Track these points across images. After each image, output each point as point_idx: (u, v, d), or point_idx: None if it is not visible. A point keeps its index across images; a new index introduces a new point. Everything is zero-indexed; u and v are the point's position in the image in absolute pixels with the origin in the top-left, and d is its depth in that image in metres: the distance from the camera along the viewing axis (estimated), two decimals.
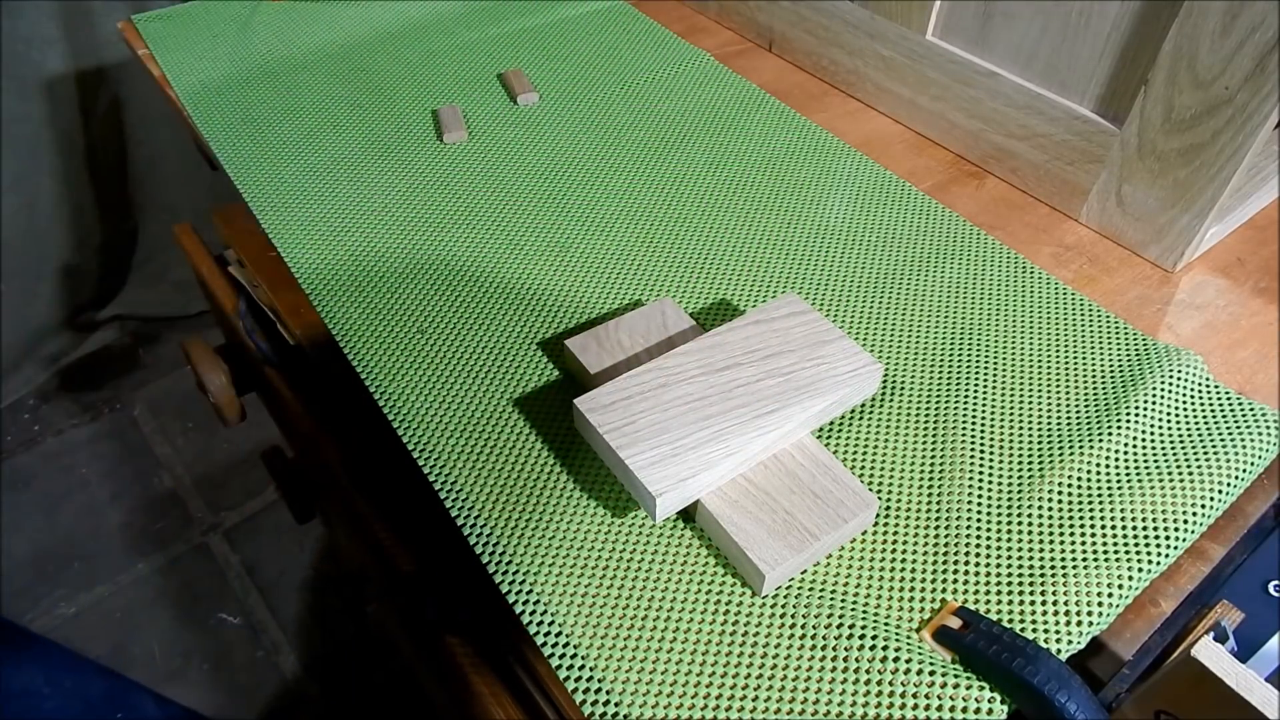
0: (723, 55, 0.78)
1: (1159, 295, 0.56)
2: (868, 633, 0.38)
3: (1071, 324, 0.53)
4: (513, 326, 0.53)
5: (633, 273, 0.56)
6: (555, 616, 0.39)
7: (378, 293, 0.55)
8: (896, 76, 0.68)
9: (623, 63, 0.76)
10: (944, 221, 0.60)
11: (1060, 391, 0.49)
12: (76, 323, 1.55)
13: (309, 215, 0.60)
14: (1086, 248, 0.59)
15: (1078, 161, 0.59)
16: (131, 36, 0.79)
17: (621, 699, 0.36)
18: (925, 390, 0.49)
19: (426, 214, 0.61)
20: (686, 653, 0.38)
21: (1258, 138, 0.50)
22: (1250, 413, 0.47)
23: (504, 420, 0.47)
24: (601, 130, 0.68)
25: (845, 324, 0.53)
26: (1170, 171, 0.54)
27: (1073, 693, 0.34)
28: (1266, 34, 0.47)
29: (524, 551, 0.41)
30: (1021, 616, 0.39)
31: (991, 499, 0.43)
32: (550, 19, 0.82)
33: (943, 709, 0.35)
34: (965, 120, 0.65)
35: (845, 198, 0.62)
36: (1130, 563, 0.40)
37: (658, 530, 0.42)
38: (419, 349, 0.51)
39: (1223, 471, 0.44)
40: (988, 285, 0.55)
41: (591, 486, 0.44)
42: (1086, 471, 0.44)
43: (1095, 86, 0.57)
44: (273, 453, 0.88)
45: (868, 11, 0.68)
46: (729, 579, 0.40)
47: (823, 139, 0.67)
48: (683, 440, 0.41)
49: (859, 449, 0.46)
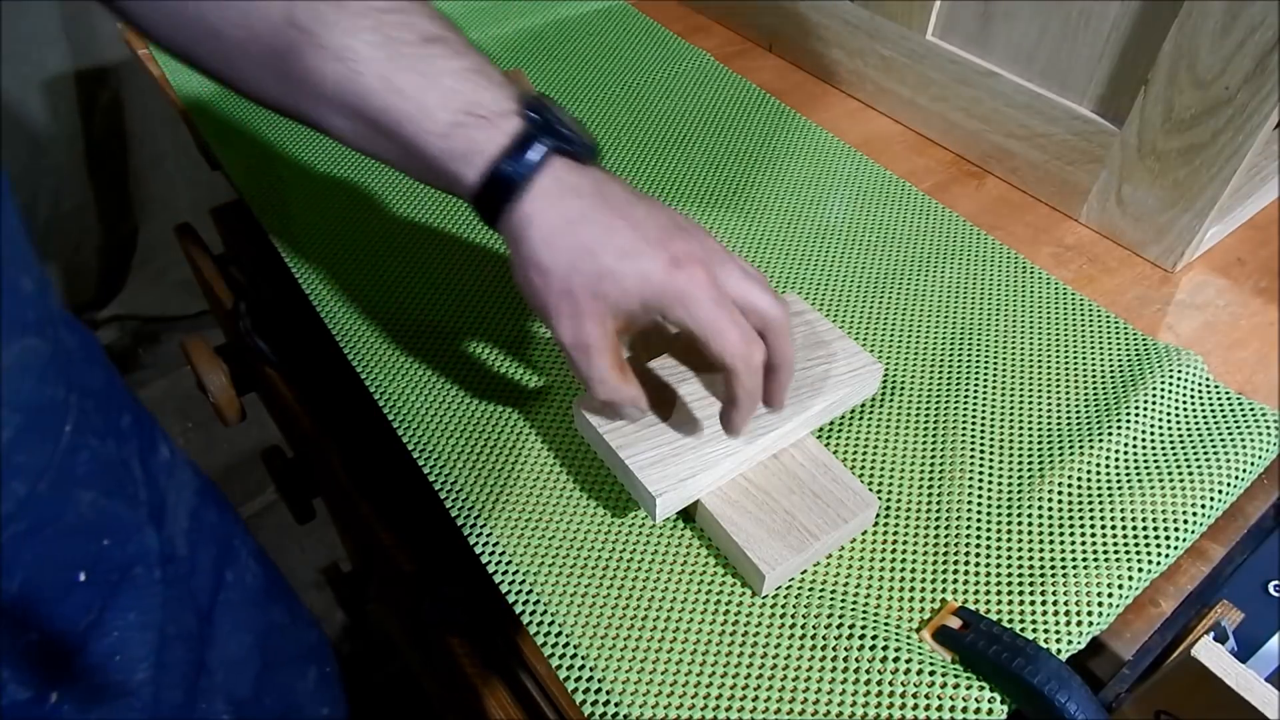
0: (723, 55, 0.78)
1: (1159, 295, 0.56)
2: (868, 633, 0.38)
3: (1071, 324, 0.53)
4: (513, 326, 0.53)
5: None
6: (555, 616, 0.39)
7: (377, 293, 0.55)
8: (896, 76, 0.68)
9: (623, 63, 0.76)
10: (944, 221, 0.60)
11: (1060, 391, 0.49)
12: None
13: (309, 215, 0.60)
14: (1086, 248, 0.59)
15: (1078, 161, 0.59)
16: (131, 36, 0.79)
17: (621, 699, 0.36)
18: (925, 390, 0.49)
19: (427, 214, 0.61)
20: (686, 653, 0.38)
21: (1258, 138, 0.50)
22: (1250, 413, 0.47)
23: (504, 420, 0.47)
24: (601, 130, 0.68)
25: (845, 324, 0.53)
26: (1170, 171, 0.54)
27: (1073, 693, 0.34)
28: (1266, 34, 0.47)
29: (524, 551, 0.41)
30: (1021, 616, 0.39)
31: (991, 499, 0.43)
32: (550, 19, 0.82)
33: (943, 709, 0.35)
34: (965, 120, 0.65)
35: (845, 198, 0.62)
36: (1130, 563, 0.40)
37: (658, 530, 0.42)
38: (419, 349, 0.51)
39: (1223, 471, 0.44)
40: (988, 285, 0.55)
41: (591, 486, 0.44)
42: (1086, 471, 0.44)
43: (1095, 86, 0.57)
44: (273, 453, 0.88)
45: (868, 11, 0.68)
46: (729, 579, 0.40)
47: (823, 139, 0.67)
48: (683, 440, 0.41)
49: (859, 449, 0.46)
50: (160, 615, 0.39)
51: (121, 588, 0.37)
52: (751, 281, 0.37)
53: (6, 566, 0.30)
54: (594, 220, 0.36)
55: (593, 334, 0.36)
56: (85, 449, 0.34)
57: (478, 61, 0.36)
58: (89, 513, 0.35)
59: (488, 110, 0.35)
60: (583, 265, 0.35)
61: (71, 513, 0.33)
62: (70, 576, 0.34)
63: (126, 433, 0.40)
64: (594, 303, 0.36)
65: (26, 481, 0.30)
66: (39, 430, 0.31)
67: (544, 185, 0.36)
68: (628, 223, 0.36)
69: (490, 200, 0.36)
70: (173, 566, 0.42)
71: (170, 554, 0.42)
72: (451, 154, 0.35)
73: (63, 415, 0.33)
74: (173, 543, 0.42)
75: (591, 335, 0.36)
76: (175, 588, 0.41)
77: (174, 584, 0.41)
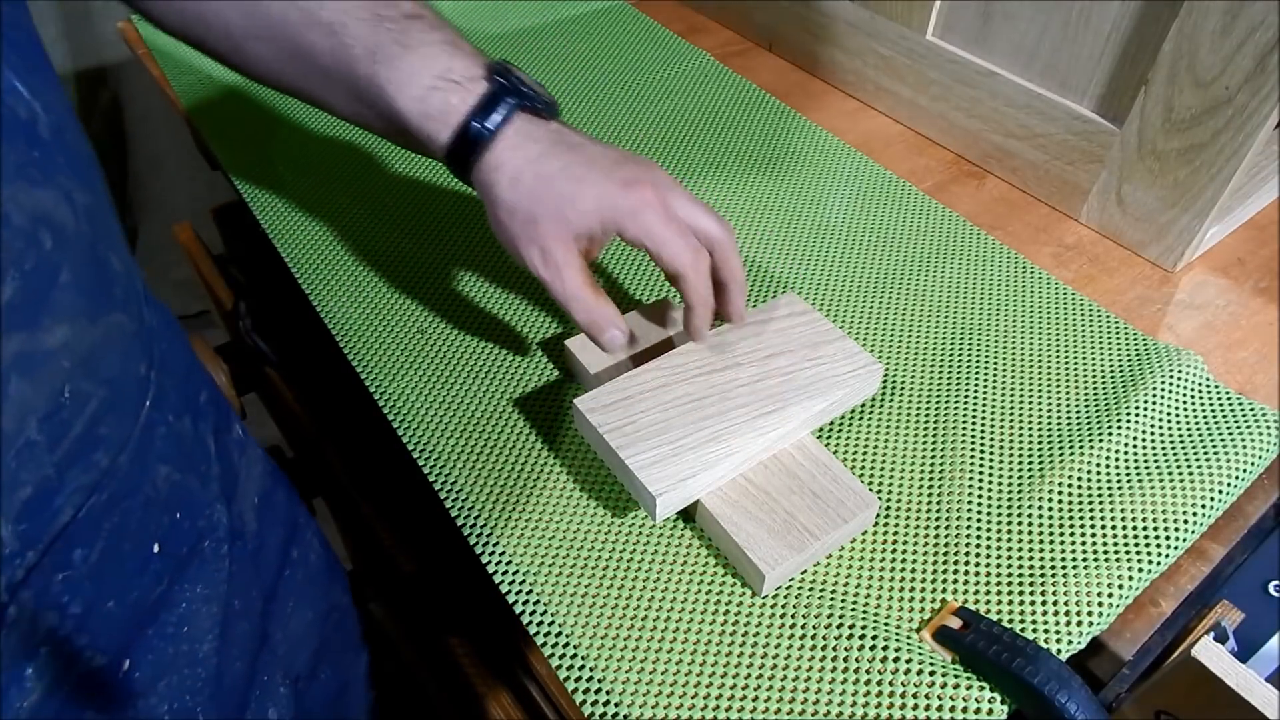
0: (723, 55, 0.78)
1: (1159, 295, 0.56)
2: (868, 633, 0.38)
3: (1071, 324, 0.53)
4: (513, 326, 0.53)
5: (633, 273, 0.56)
6: (555, 616, 0.39)
7: (378, 293, 0.55)
8: (896, 76, 0.68)
9: (623, 63, 0.76)
10: (944, 221, 0.60)
11: (1060, 391, 0.49)
12: None
13: (308, 215, 0.60)
14: (1086, 248, 0.59)
15: (1078, 161, 0.59)
16: (131, 36, 0.79)
17: (621, 699, 0.36)
18: (925, 390, 0.49)
19: (426, 214, 0.61)
20: (686, 653, 0.38)
21: (1258, 138, 0.50)
22: (1250, 413, 0.47)
23: (504, 420, 0.47)
24: (602, 130, 0.68)
25: (845, 324, 0.53)
26: (1170, 171, 0.54)
27: (1073, 693, 0.34)
28: (1266, 34, 0.47)
29: (524, 551, 0.41)
30: (1021, 616, 0.39)
31: (991, 499, 0.43)
32: (550, 19, 0.82)
33: (943, 709, 0.35)
34: (965, 120, 0.65)
35: (845, 198, 0.62)
36: (1130, 563, 0.40)
37: (658, 530, 0.42)
38: (419, 349, 0.51)
39: (1223, 471, 0.44)
40: (988, 285, 0.55)
41: (591, 486, 0.44)
42: (1086, 471, 0.44)
43: (1095, 86, 0.57)
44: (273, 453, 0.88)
45: (868, 11, 0.68)
46: (729, 579, 0.40)
47: (823, 139, 0.67)
48: (683, 440, 0.41)
49: (859, 449, 0.46)
50: (226, 589, 0.41)
51: (190, 561, 0.38)
52: (697, 206, 0.42)
53: (88, 536, 0.31)
54: (553, 157, 0.41)
55: (559, 253, 0.40)
56: (163, 424, 0.35)
57: (451, 34, 0.42)
58: (164, 487, 0.36)
59: (460, 76, 0.40)
60: (545, 195, 0.40)
61: (148, 486, 0.35)
62: (146, 548, 0.35)
63: (203, 410, 0.41)
64: (557, 226, 0.40)
65: (109, 453, 0.31)
66: (122, 404, 0.32)
67: (509, 137, 0.41)
68: (584, 157, 0.41)
69: (462, 154, 0.41)
70: (241, 543, 0.43)
71: (239, 530, 0.43)
72: (427, 114, 0.40)
73: (144, 390, 0.34)
74: (242, 519, 0.44)
75: (559, 254, 0.40)
76: (242, 563, 0.43)
77: (241, 560, 0.43)
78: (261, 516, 0.46)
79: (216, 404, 0.44)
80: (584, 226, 0.40)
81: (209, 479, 0.40)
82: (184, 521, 0.37)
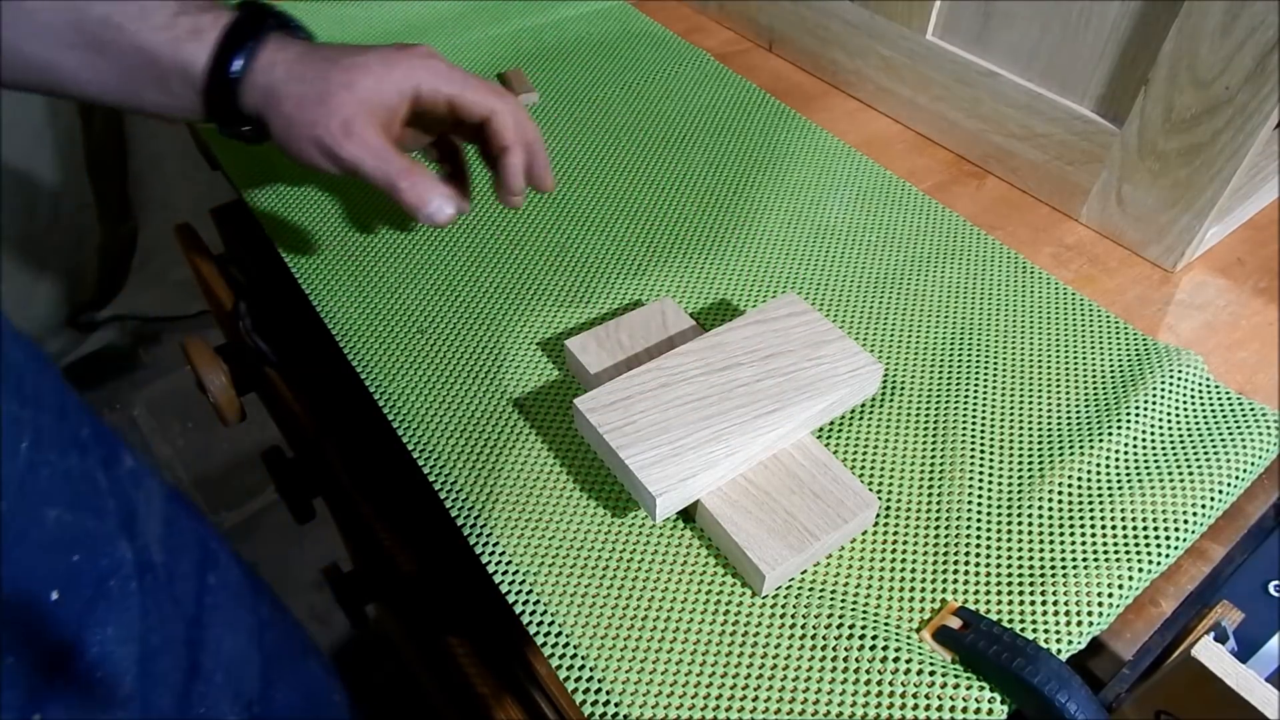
0: (723, 55, 0.78)
1: (1159, 295, 0.56)
2: (868, 633, 0.38)
3: (1071, 324, 0.53)
4: (513, 326, 0.53)
5: (633, 273, 0.56)
6: (555, 616, 0.39)
7: (378, 293, 0.55)
8: (896, 76, 0.68)
9: (623, 63, 0.76)
10: (944, 221, 0.60)
11: (1060, 391, 0.49)
12: (76, 323, 1.55)
13: (308, 215, 0.60)
14: (1086, 248, 0.59)
15: (1078, 161, 0.59)
16: None
17: (621, 699, 0.36)
18: (925, 390, 0.49)
19: None
20: (686, 653, 0.38)
21: (1258, 138, 0.50)
22: (1250, 413, 0.47)
23: (504, 420, 0.47)
24: (601, 130, 0.68)
25: (845, 324, 0.53)
26: (1170, 171, 0.54)
27: (1073, 693, 0.34)
28: (1266, 34, 0.47)
29: (524, 551, 0.41)
30: (1021, 616, 0.39)
31: (991, 499, 0.43)
32: (550, 19, 0.82)
33: (943, 709, 0.35)
34: (965, 120, 0.65)
35: (845, 198, 0.62)
36: (1130, 563, 0.40)
37: (658, 530, 0.42)
38: (419, 349, 0.51)
39: (1223, 471, 0.44)
40: (988, 285, 0.55)
41: (591, 486, 0.44)
42: (1086, 471, 0.44)
43: (1095, 86, 0.57)
44: (273, 453, 0.88)
45: (868, 11, 0.68)
46: (729, 579, 0.40)
47: (823, 139, 0.67)
48: (683, 440, 0.41)
49: (859, 449, 0.46)
50: (140, 626, 0.39)
51: (97, 602, 0.37)
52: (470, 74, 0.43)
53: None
54: (323, 48, 0.41)
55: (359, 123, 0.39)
56: (45, 464, 0.34)
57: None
58: (55, 529, 0.34)
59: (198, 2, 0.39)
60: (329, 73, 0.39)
61: (37, 530, 0.33)
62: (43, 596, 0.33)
63: (88, 444, 0.40)
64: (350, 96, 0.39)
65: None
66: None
67: (273, 42, 0.39)
68: (354, 49, 0.41)
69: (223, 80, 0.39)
70: (151, 576, 0.41)
71: (148, 563, 0.42)
72: (177, 41, 0.38)
73: (18, 431, 0.32)
74: (148, 551, 0.42)
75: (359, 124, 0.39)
76: (156, 597, 0.41)
77: (154, 593, 0.41)
78: (169, 546, 0.44)
79: (101, 437, 0.42)
80: (378, 97, 0.40)
81: (105, 515, 0.39)
82: (84, 563, 0.36)
